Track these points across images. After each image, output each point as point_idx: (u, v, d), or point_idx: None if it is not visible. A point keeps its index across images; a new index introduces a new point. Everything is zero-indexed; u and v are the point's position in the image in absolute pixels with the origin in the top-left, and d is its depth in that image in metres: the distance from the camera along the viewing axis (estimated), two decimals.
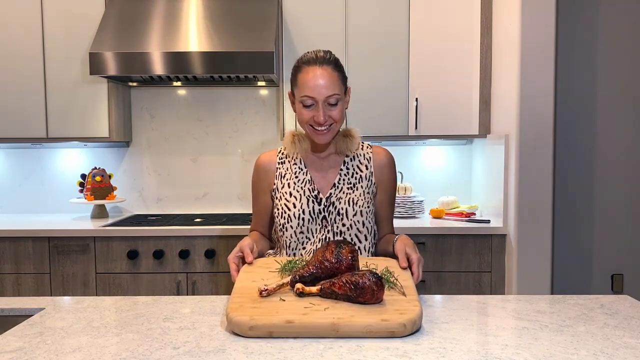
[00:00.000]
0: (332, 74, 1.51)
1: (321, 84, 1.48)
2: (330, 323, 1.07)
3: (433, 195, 3.08)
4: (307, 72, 1.51)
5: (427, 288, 2.59)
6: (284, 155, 1.66)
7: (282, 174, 1.62)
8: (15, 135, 2.81)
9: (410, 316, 1.10)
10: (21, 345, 1.07)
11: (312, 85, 1.49)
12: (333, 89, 1.50)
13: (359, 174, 1.61)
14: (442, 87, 2.79)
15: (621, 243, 3.08)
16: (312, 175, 1.61)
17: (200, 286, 2.58)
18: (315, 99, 1.49)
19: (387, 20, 2.78)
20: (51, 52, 2.79)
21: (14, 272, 2.57)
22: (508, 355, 1.01)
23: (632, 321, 1.21)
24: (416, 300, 1.17)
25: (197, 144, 3.13)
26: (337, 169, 1.61)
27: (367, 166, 1.62)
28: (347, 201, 1.56)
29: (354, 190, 1.58)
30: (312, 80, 1.49)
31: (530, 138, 2.47)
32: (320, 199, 1.57)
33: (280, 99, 2.82)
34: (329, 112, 1.51)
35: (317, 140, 1.56)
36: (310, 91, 1.49)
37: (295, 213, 1.55)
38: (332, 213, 1.55)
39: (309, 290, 1.19)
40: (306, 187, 1.58)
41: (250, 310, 1.12)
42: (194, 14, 2.70)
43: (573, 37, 3.03)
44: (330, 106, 1.51)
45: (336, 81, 1.51)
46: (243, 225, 2.60)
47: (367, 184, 1.61)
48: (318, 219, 1.56)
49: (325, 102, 1.50)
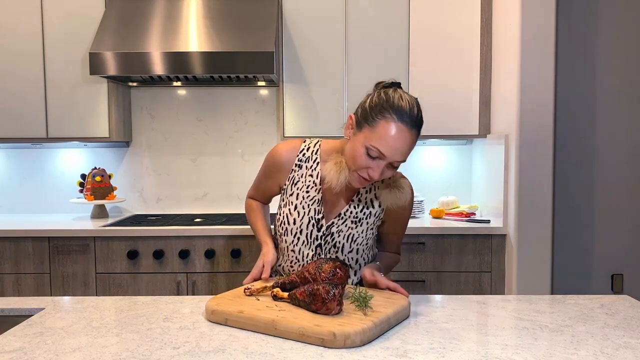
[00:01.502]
0: (413, 140, 1.34)
1: (399, 148, 1.31)
2: (271, 320, 1.13)
3: (433, 195, 3.08)
4: (392, 127, 1.30)
5: (427, 288, 2.59)
6: (304, 157, 1.50)
7: (295, 180, 1.50)
8: (15, 135, 2.81)
9: (346, 329, 1.06)
10: (21, 345, 1.07)
11: (391, 145, 1.30)
12: (405, 156, 1.34)
13: (368, 210, 1.48)
14: (442, 87, 2.79)
15: (621, 243, 3.08)
16: (324, 196, 1.47)
17: (200, 286, 2.58)
18: (385, 156, 1.31)
19: (387, 20, 2.78)
20: (51, 52, 2.79)
21: (14, 272, 2.57)
22: (508, 355, 1.01)
23: (632, 321, 1.21)
24: (371, 321, 1.11)
25: (197, 144, 3.13)
26: (348, 199, 1.48)
27: (380, 203, 1.48)
28: (346, 236, 1.46)
29: (358, 226, 1.47)
30: (394, 139, 1.30)
31: (530, 138, 2.47)
32: (321, 226, 1.47)
33: (280, 99, 2.82)
34: (386, 172, 1.36)
35: (353, 185, 1.40)
36: (385, 149, 1.30)
37: (292, 230, 1.48)
38: (329, 243, 1.47)
39: (281, 295, 1.26)
40: (313, 206, 1.47)
41: (225, 302, 1.25)
42: (194, 14, 2.70)
43: (573, 37, 3.02)
44: (391, 167, 1.36)
45: (411, 147, 1.35)
46: (243, 225, 2.60)
47: (374, 220, 1.49)
48: (313, 245, 1.47)
49: (391, 162, 1.34)
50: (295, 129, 2.81)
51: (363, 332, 1.07)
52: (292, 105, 2.80)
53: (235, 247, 2.57)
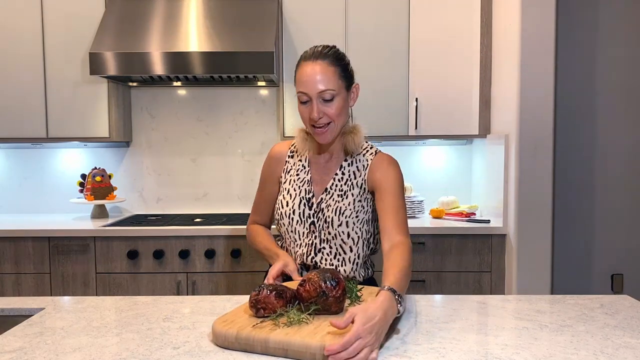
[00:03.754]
0: (327, 68, 1.44)
1: (314, 79, 1.42)
2: (263, 338, 1.02)
3: (433, 195, 3.08)
4: (302, 68, 1.46)
5: (427, 288, 2.59)
6: (294, 150, 1.62)
7: (288, 169, 1.61)
8: (15, 135, 2.81)
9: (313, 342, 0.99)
10: (21, 345, 1.07)
11: (305, 80, 1.44)
12: (327, 84, 1.43)
13: (351, 181, 1.53)
14: (442, 87, 2.79)
15: (621, 243, 3.08)
16: (313, 176, 1.57)
17: (200, 286, 2.58)
18: (308, 94, 1.44)
19: (387, 20, 2.78)
20: (51, 52, 2.79)
21: (14, 272, 2.57)
22: (508, 355, 1.01)
23: (632, 321, 1.21)
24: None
25: (197, 144, 3.13)
26: (333, 173, 1.56)
27: (363, 173, 1.54)
28: (334, 209, 1.50)
29: (344, 199, 1.51)
30: (306, 75, 1.44)
31: (530, 138, 2.47)
32: (312, 204, 1.53)
33: (280, 98, 2.82)
34: (323, 108, 1.44)
35: (318, 140, 1.50)
36: (303, 86, 1.44)
37: (286, 212, 1.54)
38: (320, 219, 1.51)
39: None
40: (303, 187, 1.55)
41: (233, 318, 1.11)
42: (194, 14, 2.70)
43: (573, 37, 3.02)
44: (325, 102, 1.44)
45: (331, 76, 1.44)
46: (243, 225, 2.60)
47: (359, 191, 1.52)
48: (306, 223, 1.52)
49: (318, 97, 1.43)
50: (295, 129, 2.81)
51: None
52: (292, 105, 2.80)
53: (235, 247, 2.57)
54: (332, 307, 1.12)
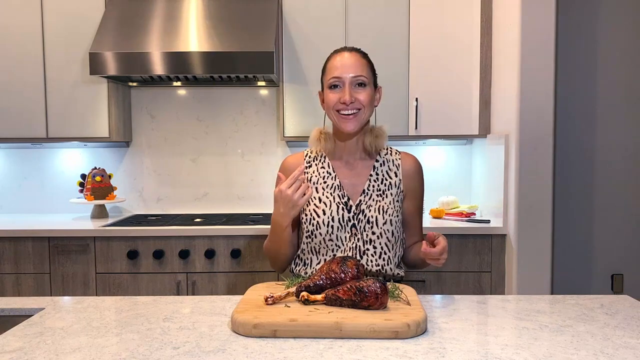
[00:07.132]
0: (361, 59, 1.51)
1: (349, 64, 1.48)
2: (334, 322, 1.09)
3: (433, 195, 3.08)
4: (335, 57, 1.52)
5: (427, 288, 2.59)
6: (310, 159, 1.61)
7: (309, 178, 1.58)
8: (15, 135, 2.81)
9: (415, 318, 1.11)
10: (21, 345, 1.07)
11: (339, 66, 1.49)
12: (361, 71, 1.48)
13: (388, 181, 1.56)
14: (442, 87, 2.79)
15: (621, 243, 3.08)
16: (342, 181, 1.55)
17: (200, 286, 2.58)
18: (341, 78, 1.48)
19: (387, 20, 2.78)
20: (51, 52, 2.79)
21: (14, 272, 2.57)
22: (508, 355, 1.01)
23: (632, 321, 1.21)
24: (420, 308, 1.18)
25: (197, 144, 3.13)
26: (366, 175, 1.56)
27: (397, 173, 1.57)
28: (377, 209, 1.50)
29: (384, 198, 1.53)
30: (340, 61, 1.49)
31: (530, 138, 2.47)
32: (350, 207, 1.51)
33: (280, 99, 2.82)
34: (355, 94, 1.48)
35: (343, 128, 1.50)
36: (338, 71, 1.48)
37: (324, 220, 1.49)
38: (362, 221, 1.50)
39: (313, 298, 1.21)
40: (336, 193, 1.53)
41: (255, 312, 1.15)
42: (194, 14, 2.70)
43: (573, 37, 3.02)
44: (358, 87, 1.49)
45: (364, 66, 1.50)
46: (243, 225, 2.60)
47: (396, 191, 1.55)
48: (347, 227, 1.50)
49: (352, 82, 1.48)
50: (295, 129, 2.81)
51: (427, 318, 1.14)
52: (292, 105, 2.80)
53: (235, 247, 2.57)
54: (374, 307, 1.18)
